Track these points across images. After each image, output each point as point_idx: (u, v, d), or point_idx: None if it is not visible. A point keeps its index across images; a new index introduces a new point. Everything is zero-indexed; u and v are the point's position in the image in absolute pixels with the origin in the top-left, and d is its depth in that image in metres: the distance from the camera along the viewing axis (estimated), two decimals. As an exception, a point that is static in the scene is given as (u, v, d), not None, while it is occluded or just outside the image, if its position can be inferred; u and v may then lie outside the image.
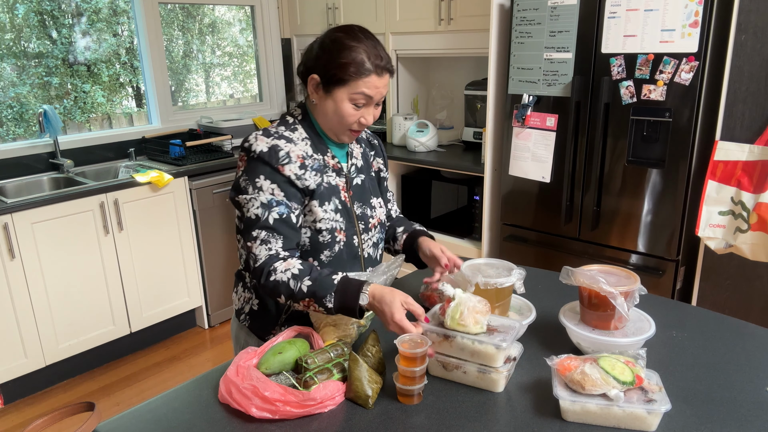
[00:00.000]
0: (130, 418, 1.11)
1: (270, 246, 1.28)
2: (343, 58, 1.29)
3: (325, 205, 1.36)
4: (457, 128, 3.67)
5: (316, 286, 1.24)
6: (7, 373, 2.65)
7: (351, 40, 1.30)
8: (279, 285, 1.25)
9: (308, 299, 1.24)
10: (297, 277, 1.25)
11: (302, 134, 1.38)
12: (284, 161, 1.30)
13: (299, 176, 1.32)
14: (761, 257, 2.14)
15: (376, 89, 1.32)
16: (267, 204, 1.29)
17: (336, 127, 1.37)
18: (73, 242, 2.75)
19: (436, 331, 1.18)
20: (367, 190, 1.48)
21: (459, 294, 1.20)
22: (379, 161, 1.58)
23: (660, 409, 1.00)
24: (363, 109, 1.34)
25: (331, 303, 1.22)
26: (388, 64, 1.34)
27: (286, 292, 1.26)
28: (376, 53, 1.31)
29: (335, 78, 1.30)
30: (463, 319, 1.15)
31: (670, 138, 2.24)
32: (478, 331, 1.15)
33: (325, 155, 1.40)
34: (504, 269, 1.40)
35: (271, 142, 1.31)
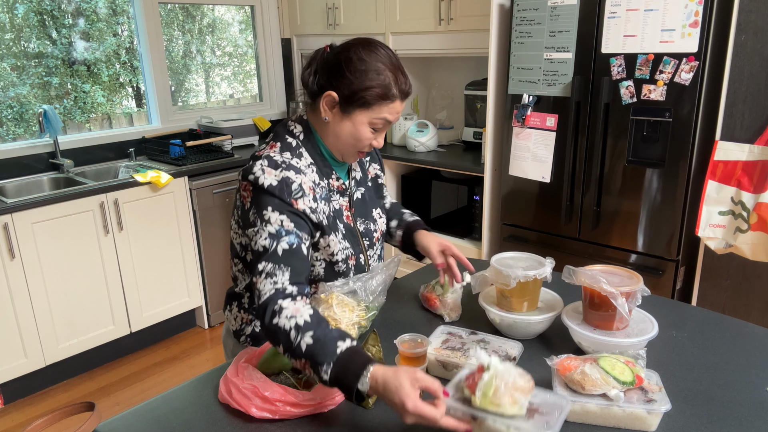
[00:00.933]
0: (130, 418, 1.11)
1: (275, 279, 1.15)
2: (370, 80, 1.21)
3: (336, 235, 1.32)
4: (457, 128, 3.67)
5: (317, 348, 1.05)
6: (7, 373, 2.65)
7: (377, 60, 1.23)
8: (279, 332, 1.10)
9: (305, 361, 1.06)
10: (300, 329, 1.08)
11: (308, 159, 1.30)
12: (298, 195, 1.21)
13: (314, 209, 1.24)
14: (761, 257, 2.14)
15: (396, 114, 1.28)
16: (275, 234, 1.18)
17: (346, 149, 1.30)
18: (73, 242, 2.75)
19: (462, 410, 0.96)
20: (367, 203, 1.45)
21: (495, 364, 0.96)
22: (375, 167, 1.54)
23: (660, 409, 1.00)
24: (378, 132, 1.29)
25: (327, 375, 1.04)
26: (410, 88, 1.29)
27: (285, 343, 1.09)
28: (402, 77, 1.25)
29: (361, 101, 1.23)
30: (497, 397, 0.93)
31: (670, 138, 2.24)
32: (515, 413, 0.93)
33: (329, 179, 1.34)
34: (533, 261, 1.38)
35: (280, 175, 1.21)
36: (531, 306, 1.34)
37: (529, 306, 1.33)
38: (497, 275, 1.31)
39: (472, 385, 0.97)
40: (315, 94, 1.28)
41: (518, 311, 1.32)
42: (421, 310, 1.51)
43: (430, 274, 1.75)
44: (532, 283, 1.30)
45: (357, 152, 1.32)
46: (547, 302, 1.39)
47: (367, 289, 1.34)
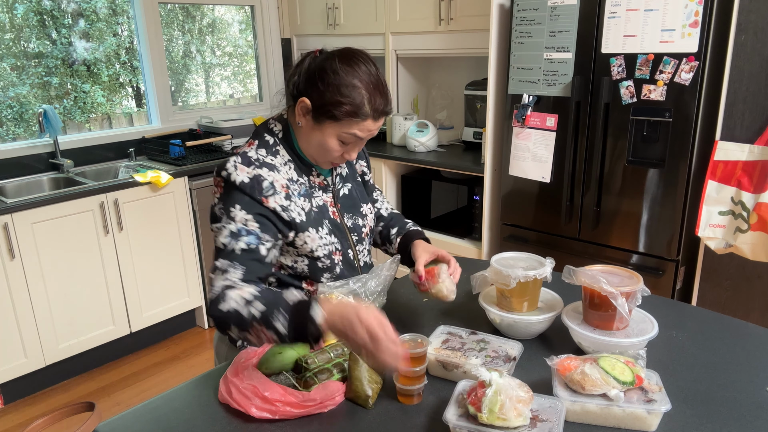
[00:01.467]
0: (130, 418, 1.11)
1: (227, 276, 1.17)
2: (341, 95, 1.20)
3: (319, 231, 1.31)
4: (457, 128, 3.67)
5: (268, 311, 1.07)
6: (7, 373, 2.65)
7: (353, 77, 1.20)
8: (229, 315, 1.10)
9: (258, 326, 1.07)
10: (249, 303, 1.10)
11: (285, 157, 1.30)
12: (268, 193, 1.22)
13: (285, 208, 1.24)
14: (761, 257, 2.14)
15: (369, 132, 1.26)
16: (236, 233, 1.19)
17: (317, 156, 1.30)
18: (73, 242, 2.75)
19: (468, 428, 0.97)
20: (355, 199, 1.44)
21: (496, 379, 0.98)
22: (362, 164, 1.53)
23: (660, 409, 1.00)
24: (349, 146, 1.28)
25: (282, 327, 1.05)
26: (387, 107, 1.25)
27: (236, 321, 1.09)
28: (378, 95, 1.22)
29: (328, 113, 1.21)
30: (504, 412, 0.95)
31: (670, 138, 2.24)
32: (520, 424, 0.96)
33: (309, 176, 1.34)
34: (533, 261, 1.38)
35: (252, 172, 1.22)
36: (531, 306, 1.34)
37: (529, 306, 1.33)
38: (497, 275, 1.31)
39: (475, 401, 0.98)
40: (294, 97, 1.28)
41: (518, 311, 1.32)
42: (421, 310, 1.51)
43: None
44: (532, 283, 1.30)
45: (328, 161, 1.31)
46: (547, 302, 1.39)
47: (367, 290, 1.34)
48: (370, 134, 1.27)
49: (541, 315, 1.31)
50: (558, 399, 1.03)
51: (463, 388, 1.06)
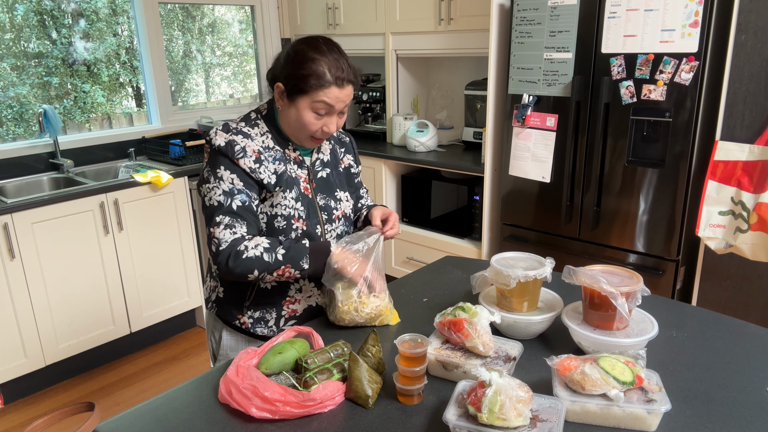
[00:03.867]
0: (130, 418, 1.11)
1: (235, 230, 1.34)
2: (304, 69, 1.34)
3: (285, 193, 1.42)
4: (457, 128, 3.67)
5: (292, 253, 1.33)
6: (7, 373, 2.65)
7: (314, 52, 1.35)
8: (253, 262, 1.31)
9: (284, 267, 1.33)
10: (269, 250, 1.33)
11: (263, 129, 1.44)
12: (239, 155, 1.36)
13: (253, 170, 1.37)
14: (761, 257, 2.14)
15: (337, 99, 1.37)
16: (229, 192, 1.35)
17: (298, 134, 1.42)
18: (73, 242, 2.75)
19: (468, 428, 0.97)
20: (332, 184, 1.53)
21: (496, 379, 0.99)
22: (349, 158, 1.63)
23: (660, 409, 1.00)
24: (325, 118, 1.39)
25: (306, 264, 1.34)
26: (351, 76, 1.38)
27: (260, 267, 1.32)
28: (338, 65, 1.36)
29: (297, 88, 1.35)
30: (504, 412, 0.95)
31: (670, 138, 2.24)
32: (520, 424, 0.96)
33: (285, 148, 1.46)
34: (533, 261, 1.38)
35: (228, 137, 1.37)
36: (531, 306, 1.34)
37: (529, 306, 1.33)
38: (497, 275, 1.31)
39: (475, 401, 0.98)
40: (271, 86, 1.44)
41: (518, 311, 1.32)
42: (420, 310, 1.51)
43: (430, 273, 1.75)
44: (532, 283, 1.30)
45: (310, 137, 1.42)
46: (547, 302, 1.39)
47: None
48: (340, 102, 1.38)
49: (541, 315, 1.31)
50: (558, 399, 1.03)
51: (463, 388, 1.06)
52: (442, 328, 1.24)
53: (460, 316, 1.21)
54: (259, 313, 1.50)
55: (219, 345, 1.56)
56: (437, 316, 1.27)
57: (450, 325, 1.22)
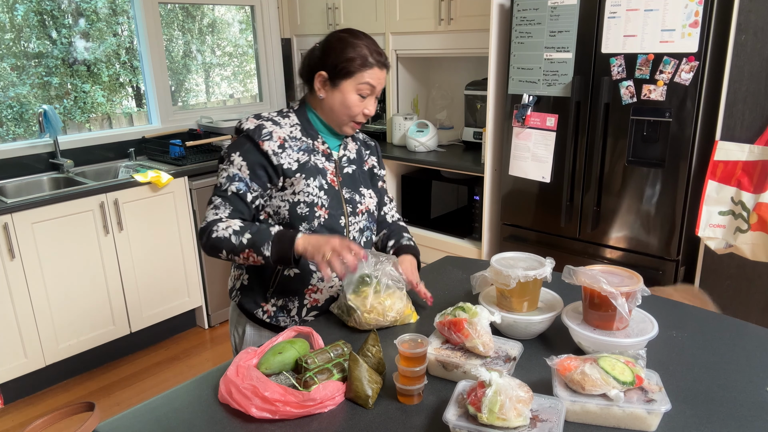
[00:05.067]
0: (130, 418, 1.11)
1: (218, 212, 1.42)
2: (349, 53, 1.43)
3: (309, 180, 1.47)
4: (457, 128, 3.67)
5: (256, 237, 1.35)
6: (7, 373, 2.65)
7: (354, 38, 1.45)
8: (221, 241, 1.37)
9: (248, 250, 1.36)
10: (238, 233, 1.37)
11: (293, 121, 1.51)
12: (266, 138, 1.44)
13: (276, 153, 1.44)
14: (761, 257, 2.14)
15: (378, 81, 1.47)
16: (231, 177, 1.43)
17: (341, 119, 1.49)
18: (73, 242, 2.75)
19: (468, 428, 0.97)
20: (357, 180, 1.58)
21: (496, 379, 0.99)
22: (373, 159, 1.68)
23: (660, 409, 1.00)
24: (366, 100, 1.47)
25: (268, 251, 1.34)
26: (387, 60, 1.49)
27: (227, 247, 1.37)
28: (377, 49, 1.47)
29: (344, 71, 1.43)
30: (503, 412, 0.95)
31: (670, 138, 2.24)
32: (520, 424, 0.96)
33: (315, 140, 1.52)
34: (533, 261, 1.38)
35: (258, 122, 1.46)
36: (531, 306, 1.34)
37: (530, 306, 1.33)
38: (497, 275, 1.31)
39: (475, 401, 0.98)
40: (310, 80, 1.49)
41: (518, 311, 1.32)
42: (420, 310, 1.51)
43: (430, 273, 1.75)
44: (532, 283, 1.30)
45: (351, 122, 1.50)
46: (547, 302, 1.39)
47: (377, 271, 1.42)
48: (380, 84, 1.47)
49: (541, 315, 1.31)
50: (558, 399, 1.03)
51: (463, 388, 1.06)
52: (442, 328, 1.24)
53: (460, 316, 1.21)
54: (282, 301, 1.53)
55: (242, 339, 1.60)
56: (437, 316, 1.27)
57: (450, 325, 1.22)
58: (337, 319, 1.48)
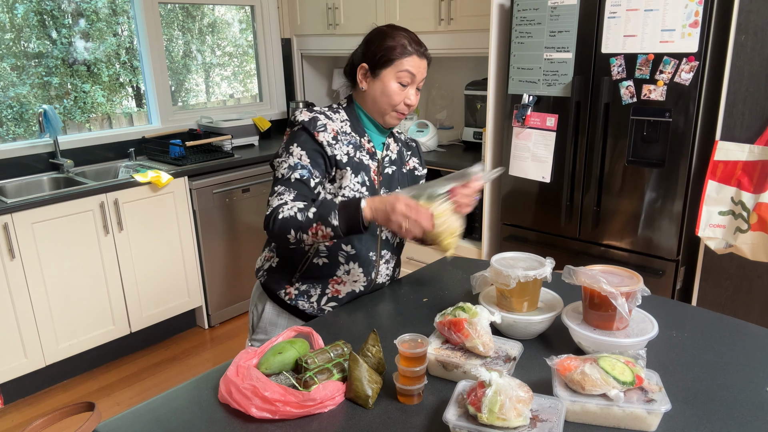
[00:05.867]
0: (130, 418, 1.11)
1: (282, 197, 1.42)
2: (388, 42, 1.48)
3: (353, 176, 1.50)
4: (457, 128, 3.67)
5: (322, 210, 1.36)
6: (7, 373, 2.65)
7: (393, 31, 1.50)
8: (287, 221, 1.36)
9: (316, 224, 1.35)
10: (303, 210, 1.37)
11: (343, 116, 1.55)
12: (320, 129, 1.47)
13: (330, 144, 1.47)
14: (761, 257, 2.14)
15: (418, 69, 1.49)
16: (293, 166, 1.44)
17: (384, 108, 1.52)
18: (73, 242, 2.75)
19: (468, 428, 0.97)
20: (395, 181, 1.61)
21: (496, 379, 0.98)
22: (414, 160, 1.71)
23: (660, 409, 1.00)
24: (407, 90, 1.50)
25: (336, 220, 1.34)
26: (426, 51, 1.52)
27: (294, 225, 1.36)
28: (416, 40, 1.50)
29: (383, 59, 1.47)
30: (503, 412, 0.95)
31: (670, 138, 2.24)
32: (520, 424, 0.96)
33: (362, 137, 1.55)
34: (533, 261, 1.38)
35: (312, 114, 1.49)
36: (531, 306, 1.34)
37: (529, 306, 1.33)
38: (497, 275, 1.31)
39: (475, 401, 0.98)
40: (353, 75, 1.54)
41: (518, 311, 1.32)
42: (420, 310, 1.51)
43: (430, 273, 1.75)
44: (532, 283, 1.30)
45: (394, 112, 1.52)
46: (547, 302, 1.39)
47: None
48: (420, 73, 1.50)
49: (541, 315, 1.31)
50: (558, 399, 1.03)
51: (463, 388, 1.06)
52: (442, 328, 1.24)
53: (460, 316, 1.21)
54: (305, 287, 1.57)
55: (260, 318, 1.64)
56: (437, 316, 1.27)
57: (450, 325, 1.22)
58: (338, 319, 1.48)
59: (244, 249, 3.47)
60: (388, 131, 1.60)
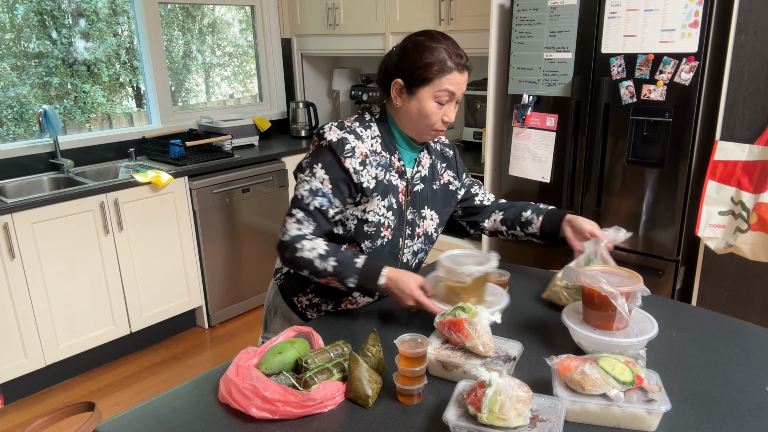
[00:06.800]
0: (130, 418, 1.11)
1: (301, 227, 1.38)
2: (426, 58, 1.35)
3: (380, 200, 1.44)
4: (457, 128, 3.67)
5: (341, 268, 1.34)
6: (7, 373, 2.65)
7: (431, 41, 1.36)
8: (304, 261, 1.36)
9: (331, 278, 1.36)
10: (323, 257, 1.35)
11: (374, 132, 1.45)
12: (348, 155, 1.38)
13: (357, 171, 1.39)
14: (761, 257, 2.14)
15: (458, 85, 1.38)
16: (314, 191, 1.39)
17: (420, 128, 1.42)
18: (73, 242, 2.75)
19: (468, 428, 0.97)
20: (423, 200, 1.53)
21: (496, 379, 0.99)
22: (449, 174, 1.62)
23: (660, 409, 1.00)
24: (445, 107, 1.40)
25: (353, 284, 1.35)
26: (468, 62, 1.40)
27: (310, 269, 1.36)
28: (456, 52, 1.37)
29: (420, 78, 1.36)
30: (503, 412, 0.95)
31: (670, 138, 2.24)
32: (520, 424, 0.96)
33: (392, 155, 1.46)
34: (480, 257, 1.42)
35: (341, 135, 1.39)
36: (479, 300, 1.37)
37: (478, 300, 1.37)
38: (451, 273, 1.34)
39: (475, 401, 0.98)
40: (386, 87, 1.44)
41: None
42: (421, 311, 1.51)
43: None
44: (482, 278, 1.35)
45: (431, 130, 1.42)
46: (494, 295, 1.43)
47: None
48: (460, 89, 1.39)
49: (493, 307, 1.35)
50: (558, 399, 1.03)
51: (463, 388, 1.07)
52: (442, 328, 1.25)
53: (460, 316, 1.21)
54: (318, 300, 1.55)
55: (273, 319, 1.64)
56: (437, 316, 1.27)
57: (450, 325, 1.22)
58: (338, 319, 1.48)
59: (244, 249, 3.47)
60: (422, 146, 1.52)
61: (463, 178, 1.68)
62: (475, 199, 1.69)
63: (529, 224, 1.63)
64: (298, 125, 4.09)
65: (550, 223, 1.59)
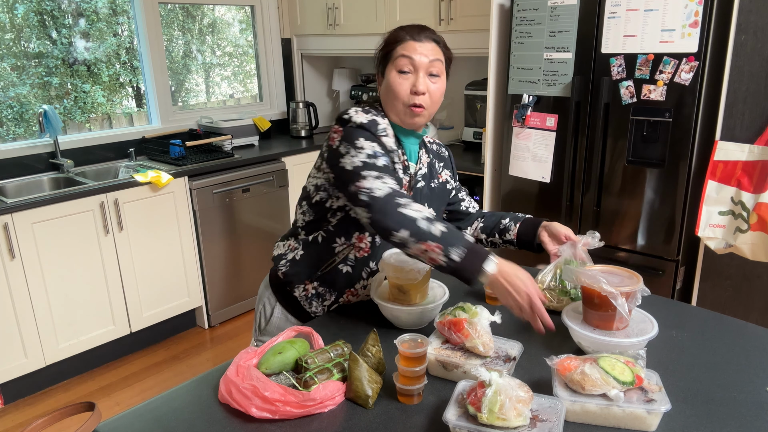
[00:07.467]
0: (130, 418, 1.11)
1: (386, 181, 1.27)
2: (388, 38, 1.42)
3: None
4: (457, 128, 3.67)
5: (450, 236, 1.21)
6: (7, 373, 2.65)
7: (399, 28, 1.42)
8: (406, 219, 1.21)
9: (435, 243, 1.19)
10: (429, 220, 1.22)
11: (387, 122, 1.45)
12: (383, 134, 1.36)
13: (392, 149, 1.38)
14: (761, 257, 2.14)
15: (416, 52, 1.37)
16: (373, 155, 1.30)
17: (395, 106, 1.41)
18: (73, 242, 2.75)
19: (468, 428, 0.97)
20: (423, 197, 1.54)
21: (496, 379, 0.99)
22: (447, 173, 1.64)
23: (660, 409, 1.00)
24: (411, 77, 1.38)
25: (458, 256, 1.19)
26: (432, 34, 1.41)
27: (411, 229, 1.21)
28: (419, 29, 1.40)
29: (382, 57, 1.42)
30: (503, 412, 0.95)
31: (670, 138, 2.24)
32: (520, 424, 0.96)
33: (399, 148, 1.46)
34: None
35: (370, 117, 1.37)
36: (423, 297, 1.39)
37: (422, 297, 1.38)
38: (401, 272, 1.34)
39: (475, 401, 0.98)
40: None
41: (415, 303, 1.37)
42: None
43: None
44: (428, 273, 1.36)
45: (405, 106, 1.40)
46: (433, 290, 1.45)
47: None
48: (421, 56, 1.37)
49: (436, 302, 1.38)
50: (558, 399, 1.03)
51: (463, 388, 1.06)
52: (442, 328, 1.24)
53: (460, 316, 1.21)
54: (322, 289, 1.52)
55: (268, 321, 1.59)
56: (437, 316, 1.27)
57: (450, 325, 1.22)
58: (338, 319, 1.48)
59: (244, 249, 3.47)
60: (418, 138, 1.50)
61: (458, 186, 1.70)
62: (462, 205, 1.70)
63: (507, 232, 1.64)
64: (298, 125, 4.09)
65: (527, 230, 1.60)
